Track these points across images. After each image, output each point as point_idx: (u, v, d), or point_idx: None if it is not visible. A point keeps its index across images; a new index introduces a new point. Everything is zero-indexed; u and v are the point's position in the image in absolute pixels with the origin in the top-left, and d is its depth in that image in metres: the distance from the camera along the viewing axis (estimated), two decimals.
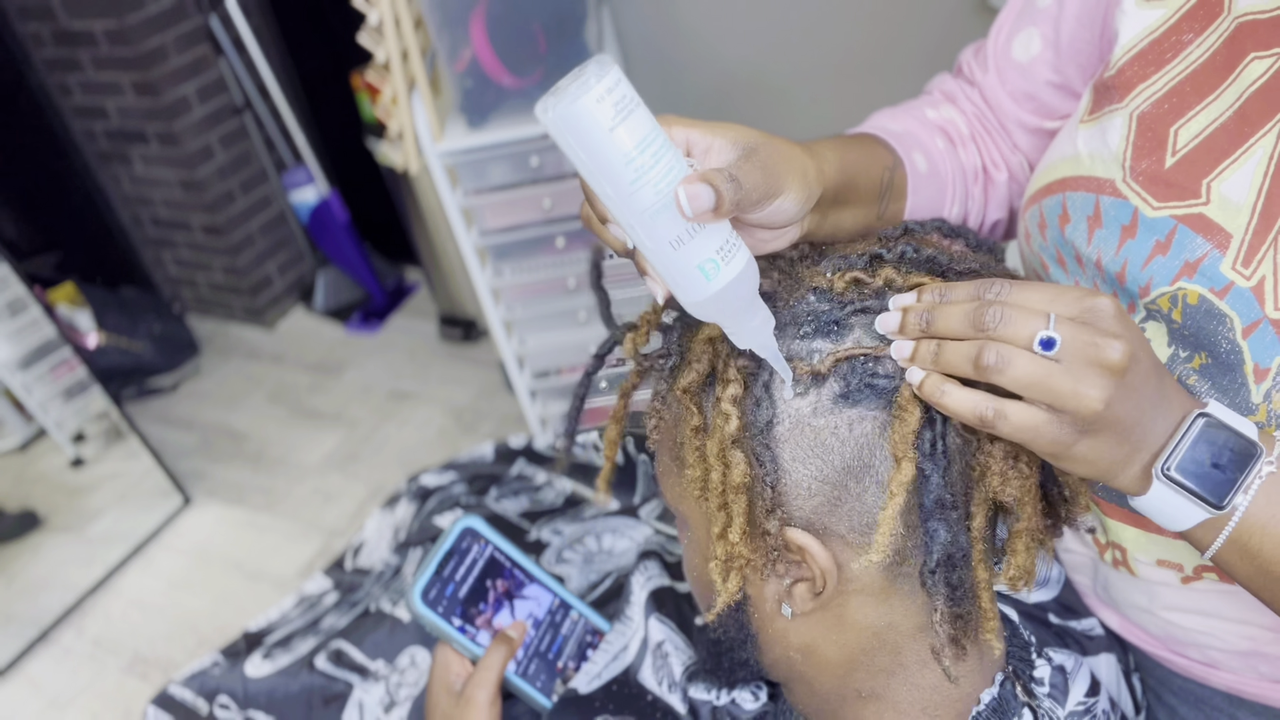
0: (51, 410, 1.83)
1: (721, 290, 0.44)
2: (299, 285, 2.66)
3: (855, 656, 0.51)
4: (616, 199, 0.42)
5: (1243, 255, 0.47)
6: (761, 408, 0.47)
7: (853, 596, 0.49)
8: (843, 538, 0.47)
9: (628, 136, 0.41)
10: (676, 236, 0.43)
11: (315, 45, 2.34)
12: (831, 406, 0.46)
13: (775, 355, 0.47)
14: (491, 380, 2.19)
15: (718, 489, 0.48)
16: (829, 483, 0.46)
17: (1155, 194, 0.51)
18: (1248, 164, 0.48)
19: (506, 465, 1.06)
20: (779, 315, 0.48)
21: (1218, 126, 0.50)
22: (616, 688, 0.65)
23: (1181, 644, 0.65)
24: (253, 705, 0.85)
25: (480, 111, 1.48)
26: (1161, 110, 0.52)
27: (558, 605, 0.73)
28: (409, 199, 2.12)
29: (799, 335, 0.48)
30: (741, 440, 0.47)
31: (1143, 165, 0.52)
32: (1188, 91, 0.51)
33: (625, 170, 0.41)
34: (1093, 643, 0.66)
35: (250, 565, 1.86)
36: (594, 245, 0.57)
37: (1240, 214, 0.48)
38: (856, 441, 0.46)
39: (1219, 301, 0.48)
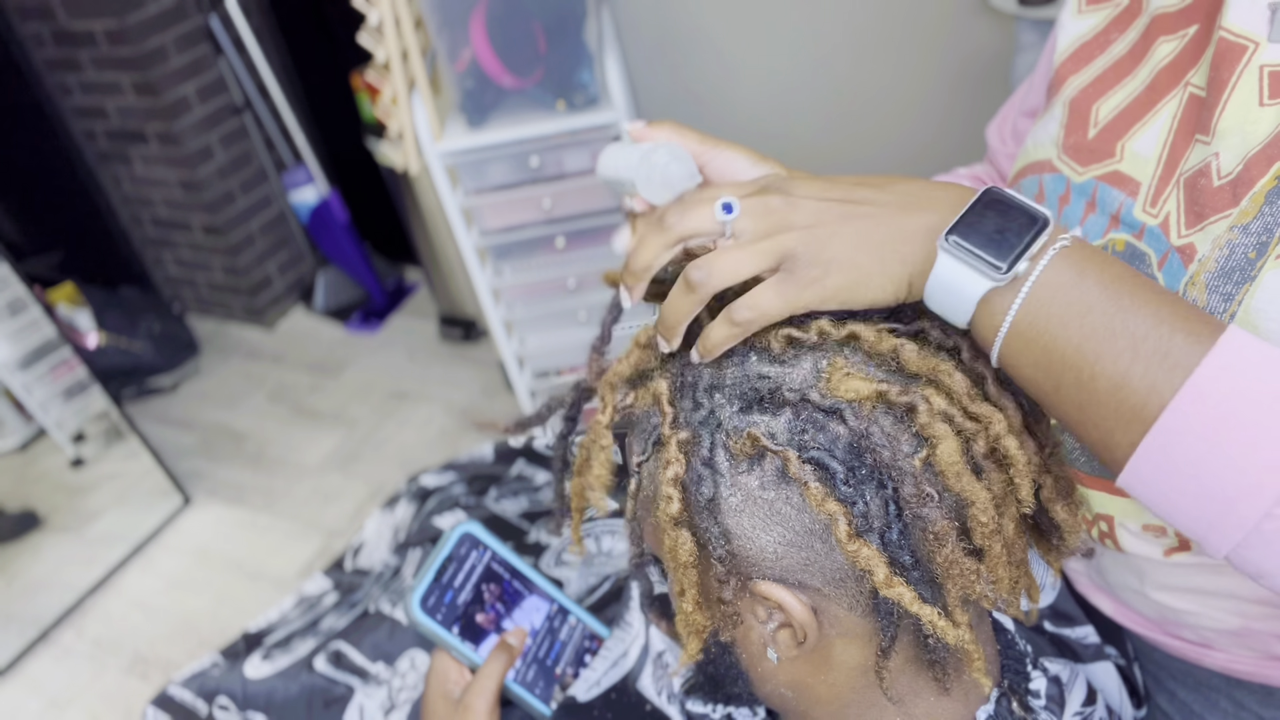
0: (51, 410, 1.83)
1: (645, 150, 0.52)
2: (299, 285, 2.67)
3: (845, 695, 0.51)
4: (617, 171, 0.54)
5: (1150, 197, 0.53)
6: (704, 485, 0.46)
7: (837, 640, 0.48)
8: (818, 590, 0.46)
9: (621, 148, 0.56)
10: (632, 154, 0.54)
11: (315, 45, 2.34)
12: (777, 480, 0.45)
13: (694, 175, 0.53)
14: (491, 380, 2.19)
15: (669, 558, 0.47)
16: (794, 545, 0.45)
17: (1080, 161, 0.58)
18: (1154, 123, 0.55)
19: (506, 465, 1.06)
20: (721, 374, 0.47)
21: (1132, 99, 0.57)
22: (615, 695, 0.65)
23: (1175, 625, 0.66)
24: (252, 706, 0.85)
25: (480, 111, 1.48)
26: (1087, 94, 0.59)
27: (556, 611, 0.73)
28: (409, 199, 2.12)
29: (737, 409, 0.46)
30: (683, 520, 0.46)
31: (1071, 140, 0.59)
32: (1109, 76, 0.59)
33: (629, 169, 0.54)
34: (1087, 650, 0.65)
35: (250, 565, 1.86)
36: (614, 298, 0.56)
37: (1148, 165, 0.54)
38: (811, 508, 0.45)
39: (1138, 243, 0.53)
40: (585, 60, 1.45)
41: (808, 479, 0.43)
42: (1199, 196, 0.51)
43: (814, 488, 0.43)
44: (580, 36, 1.43)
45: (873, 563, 0.43)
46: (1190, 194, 0.51)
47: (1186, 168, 0.52)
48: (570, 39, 1.43)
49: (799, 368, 0.45)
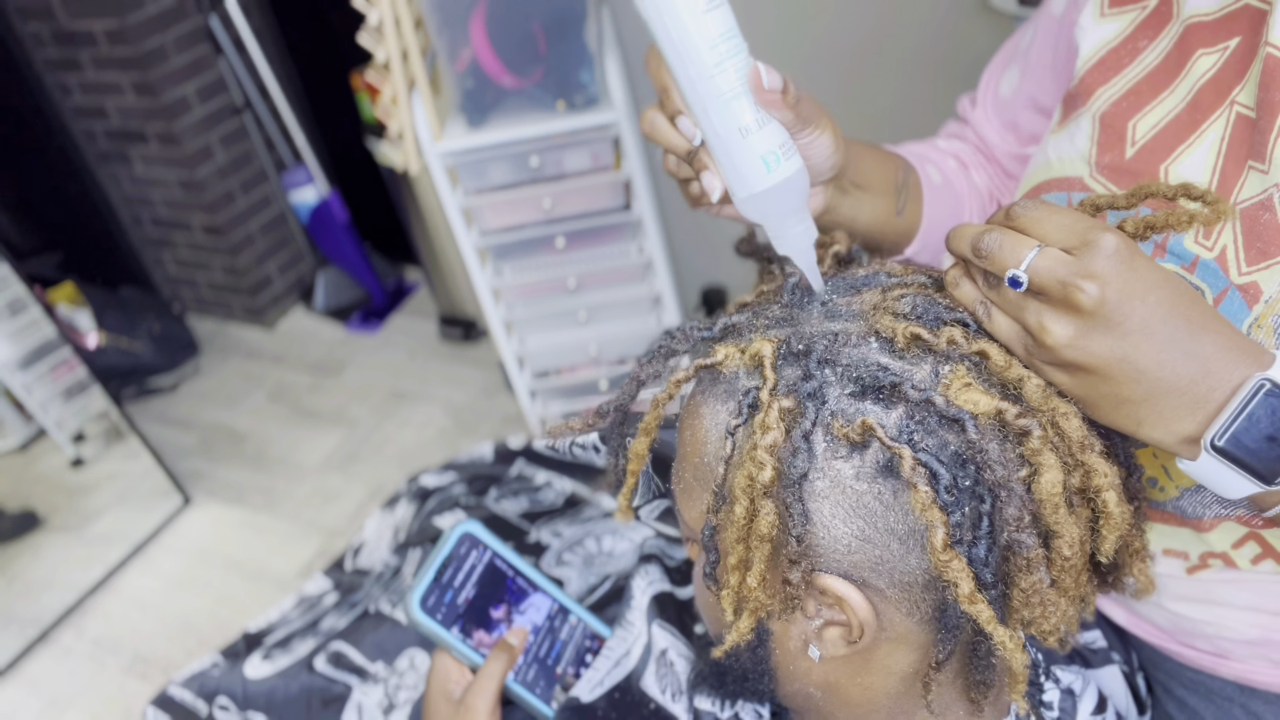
0: (51, 410, 1.83)
1: (779, 184, 0.49)
2: (299, 285, 2.67)
3: (878, 699, 0.50)
4: (698, 81, 0.47)
5: (1202, 229, 0.50)
6: (799, 459, 0.44)
7: (885, 643, 0.47)
8: (881, 591, 0.45)
9: (715, 24, 0.46)
10: (745, 125, 0.48)
11: (315, 45, 2.33)
12: (875, 474, 0.44)
13: (812, 268, 0.50)
14: (491, 380, 2.19)
15: (740, 525, 0.46)
16: (870, 542, 0.44)
17: (1118, 183, 0.55)
18: (1201, 147, 0.51)
19: (506, 466, 1.06)
20: (836, 350, 0.46)
21: (1173, 117, 0.53)
22: (619, 695, 0.65)
23: (1190, 635, 0.65)
24: (252, 706, 0.85)
25: (480, 111, 1.48)
26: (1120, 108, 0.56)
27: (557, 611, 0.73)
28: (409, 199, 2.12)
29: (846, 391, 0.45)
30: (773, 491, 0.44)
31: (1106, 159, 0.56)
32: (1144, 90, 0.55)
33: (710, 54, 0.46)
34: (1096, 655, 0.65)
35: (250, 565, 1.86)
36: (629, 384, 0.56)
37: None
38: (902, 508, 0.44)
39: (1190, 276, 0.50)
40: (585, 60, 1.45)
41: (918, 480, 0.42)
42: (1262, 232, 0.48)
43: (923, 491, 0.42)
44: (580, 36, 1.43)
45: (961, 576, 0.42)
46: (1250, 227, 0.49)
47: (1243, 198, 0.50)
48: (570, 39, 1.43)
49: (920, 368, 0.45)
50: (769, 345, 0.47)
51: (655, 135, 0.55)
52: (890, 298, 0.49)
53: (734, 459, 0.47)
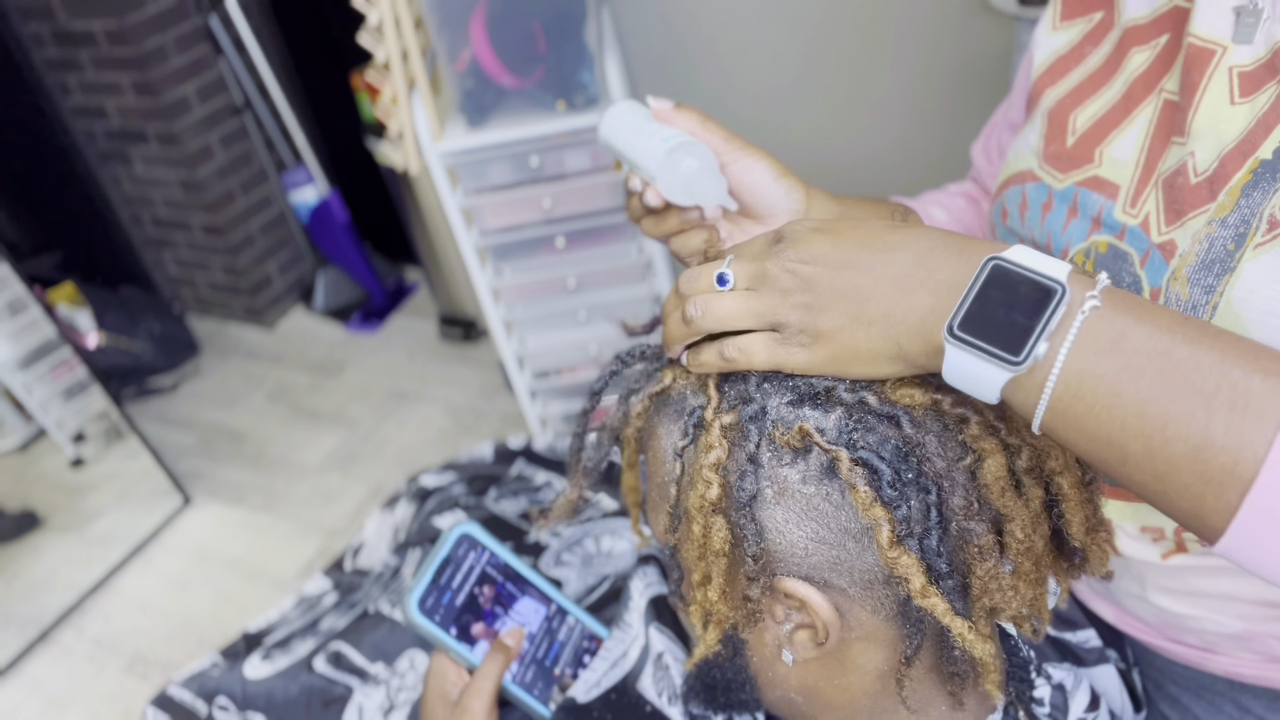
0: (51, 410, 1.83)
1: (668, 150, 0.55)
2: (299, 285, 2.66)
3: (858, 700, 0.50)
4: (630, 152, 0.59)
5: (1129, 199, 0.55)
6: (746, 480, 0.45)
7: (855, 643, 0.48)
8: (844, 590, 0.46)
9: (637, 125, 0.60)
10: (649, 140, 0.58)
11: (315, 45, 2.33)
12: (820, 476, 0.45)
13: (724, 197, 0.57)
14: (491, 380, 2.19)
15: (697, 543, 0.46)
16: (826, 543, 0.45)
17: (1060, 168, 0.59)
18: (1131, 129, 0.56)
19: (506, 466, 1.06)
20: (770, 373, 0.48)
21: (1109, 108, 0.58)
22: (615, 697, 0.65)
23: (1178, 630, 0.65)
24: (251, 707, 0.85)
25: (480, 111, 1.48)
26: (1065, 104, 0.61)
27: (555, 611, 0.73)
28: (409, 199, 2.12)
29: (785, 401, 0.46)
30: (722, 507, 0.45)
31: (1051, 149, 0.60)
32: (1085, 87, 0.61)
33: (632, 126, 0.60)
34: (1090, 654, 0.65)
35: (250, 565, 1.86)
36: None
37: (1126, 168, 0.55)
38: (852, 507, 0.44)
39: (1120, 243, 0.55)
40: (585, 60, 1.45)
41: (856, 481, 0.43)
42: (1177, 195, 0.51)
43: (862, 491, 0.42)
44: (580, 36, 1.43)
45: (911, 571, 0.42)
46: (1169, 193, 0.52)
47: (1164, 168, 0.53)
48: (570, 39, 1.43)
49: None
50: None
51: (629, 209, 0.62)
52: None
53: (683, 479, 0.48)
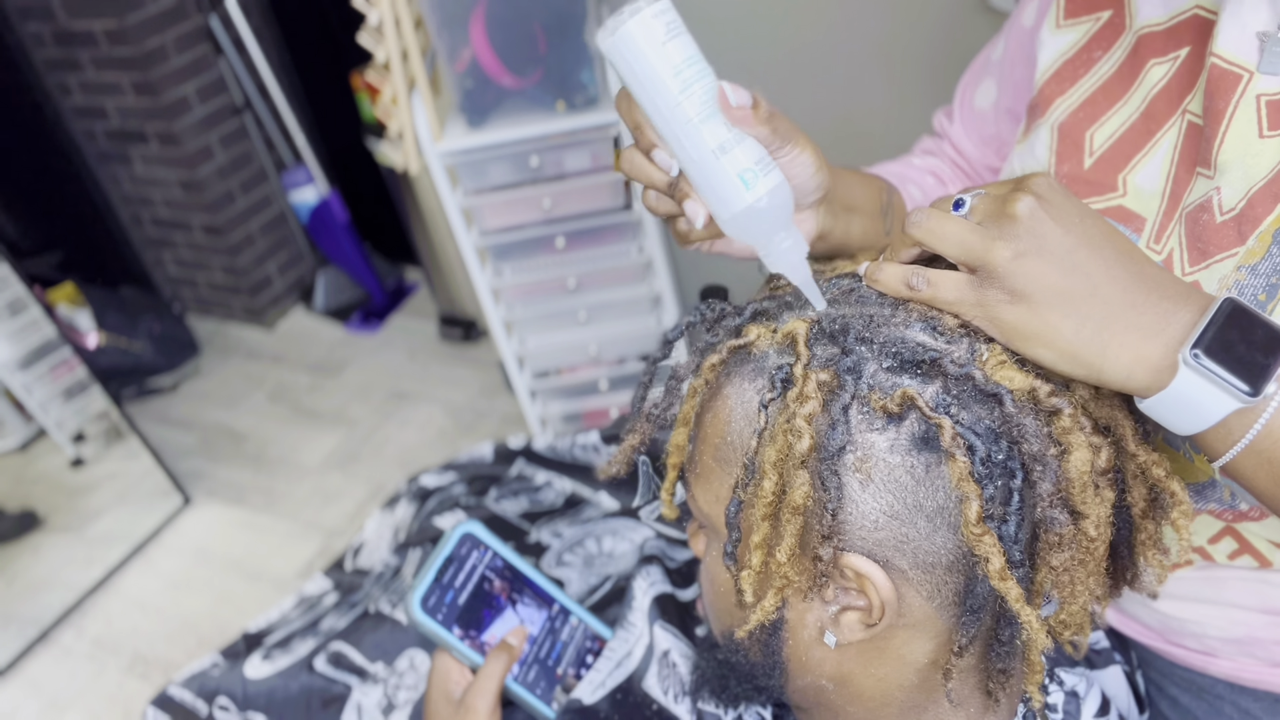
0: (51, 410, 1.83)
1: (758, 200, 0.48)
2: (299, 285, 2.66)
3: (891, 692, 0.50)
4: (666, 111, 0.48)
5: (1154, 233, 0.52)
6: (837, 431, 0.44)
7: (902, 630, 0.47)
8: (903, 572, 0.45)
9: (677, 52, 0.48)
10: (720, 144, 0.48)
11: (315, 45, 2.33)
12: (909, 446, 0.44)
13: (807, 281, 0.49)
14: (491, 380, 2.19)
15: (768, 501, 0.45)
16: (898, 519, 0.44)
17: (1078, 193, 0.55)
18: (1156, 156, 0.53)
19: (506, 466, 1.06)
20: (873, 330, 0.46)
21: (1128, 127, 0.54)
22: (621, 696, 0.65)
23: (1178, 634, 0.65)
24: (252, 707, 0.85)
25: (480, 111, 1.48)
26: (1077, 119, 0.57)
27: (558, 611, 0.73)
28: (409, 199, 2.12)
29: (884, 366, 0.45)
30: (809, 461, 0.44)
31: (1065, 169, 0.56)
32: (1100, 100, 0.56)
33: (674, 81, 0.48)
34: (1099, 656, 0.66)
35: (250, 565, 1.86)
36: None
37: (1152, 200, 0.52)
38: (934, 483, 0.44)
39: None
40: (585, 60, 1.45)
41: (957, 451, 0.42)
42: (1201, 232, 0.49)
43: (960, 461, 0.42)
44: (580, 36, 1.43)
45: (993, 551, 0.42)
46: (1192, 229, 0.50)
47: (1189, 201, 0.50)
48: (570, 39, 1.43)
49: (958, 346, 0.45)
50: (803, 325, 0.47)
51: (634, 172, 0.55)
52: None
53: (766, 432, 0.46)
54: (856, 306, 0.48)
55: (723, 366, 0.49)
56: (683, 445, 0.53)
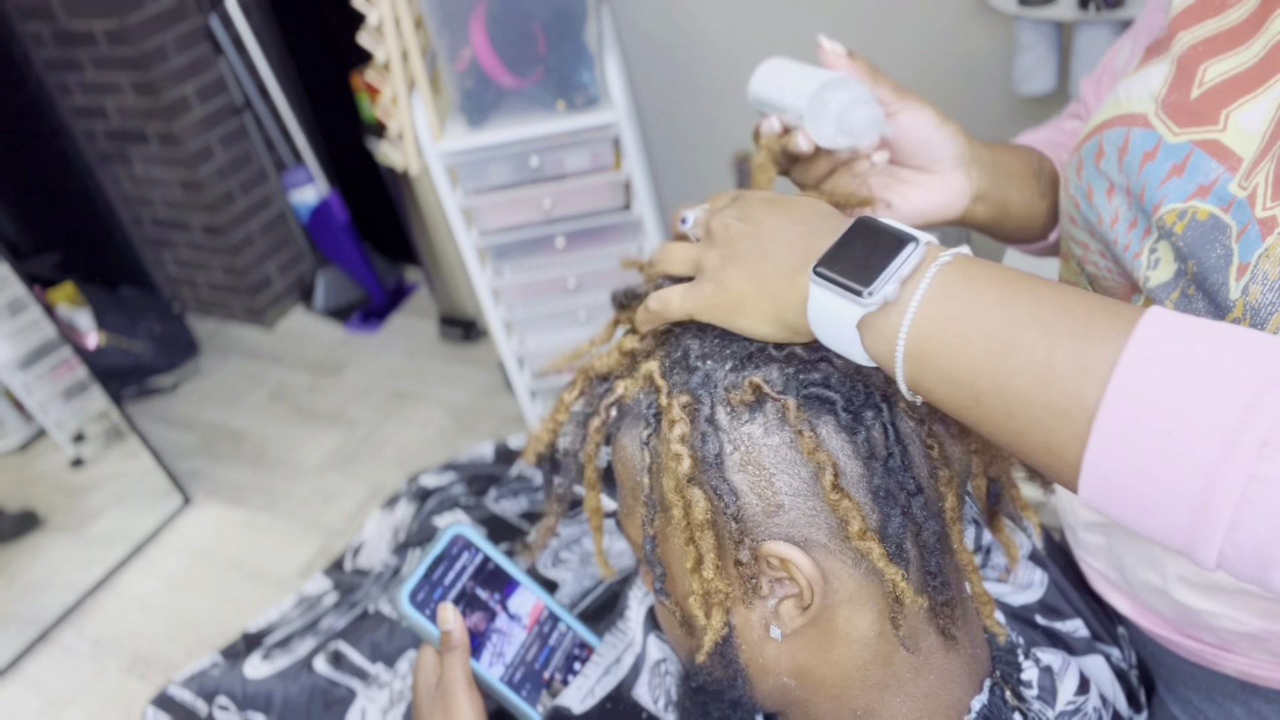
0: (51, 410, 1.83)
1: (820, 88, 0.56)
2: (299, 285, 2.67)
3: (849, 673, 0.50)
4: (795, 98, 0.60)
5: (1245, 172, 0.51)
6: (708, 442, 0.47)
7: (840, 607, 0.48)
8: (824, 545, 0.47)
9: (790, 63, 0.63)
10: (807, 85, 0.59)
11: (315, 45, 2.34)
12: (780, 424, 0.46)
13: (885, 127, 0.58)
14: (491, 380, 2.20)
15: (682, 526, 0.47)
16: (800, 495, 0.46)
17: (1177, 121, 0.55)
18: (1264, 99, 0.52)
19: (506, 466, 1.06)
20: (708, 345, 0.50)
21: (1243, 69, 0.54)
22: (611, 705, 0.65)
23: (1194, 627, 0.65)
24: (252, 706, 0.85)
25: (480, 111, 1.48)
26: (1196, 52, 0.56)
27: (546, 616, 0.73)
28: (409, 199, 2.12)
29: (728, 368, 0.48)
30: (695, 477, 0.47)
31: (1172, 98, 0.56)
32: (1221, 41, 0.56)
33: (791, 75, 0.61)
34: (1080, 644, 0.66)
35: (250, 565, 1.87)
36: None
37: (1252, 140, 0.51)
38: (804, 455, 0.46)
39: (1224, 215, 0.51)
40: (585, 60, 1.45)
41: (803, 427, 0.45)
42: None
43: (807, 436, 0.45)
44: (580, 36, 1.43)
45: (851, 514, 0.44)
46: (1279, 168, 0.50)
47: None
48: (570, 39, 1.43)
49: None
50: (654, 364, 0.51)
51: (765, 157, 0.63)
52: None
53: (654, 465, 0.49)
54: (685, 335, 0.52)
55: (607, 426, 0.54)
56: (598, 509, 0.58)
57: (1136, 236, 0.56)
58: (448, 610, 0.66)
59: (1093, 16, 1.28)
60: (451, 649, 0.65)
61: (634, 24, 1.75)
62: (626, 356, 0.54)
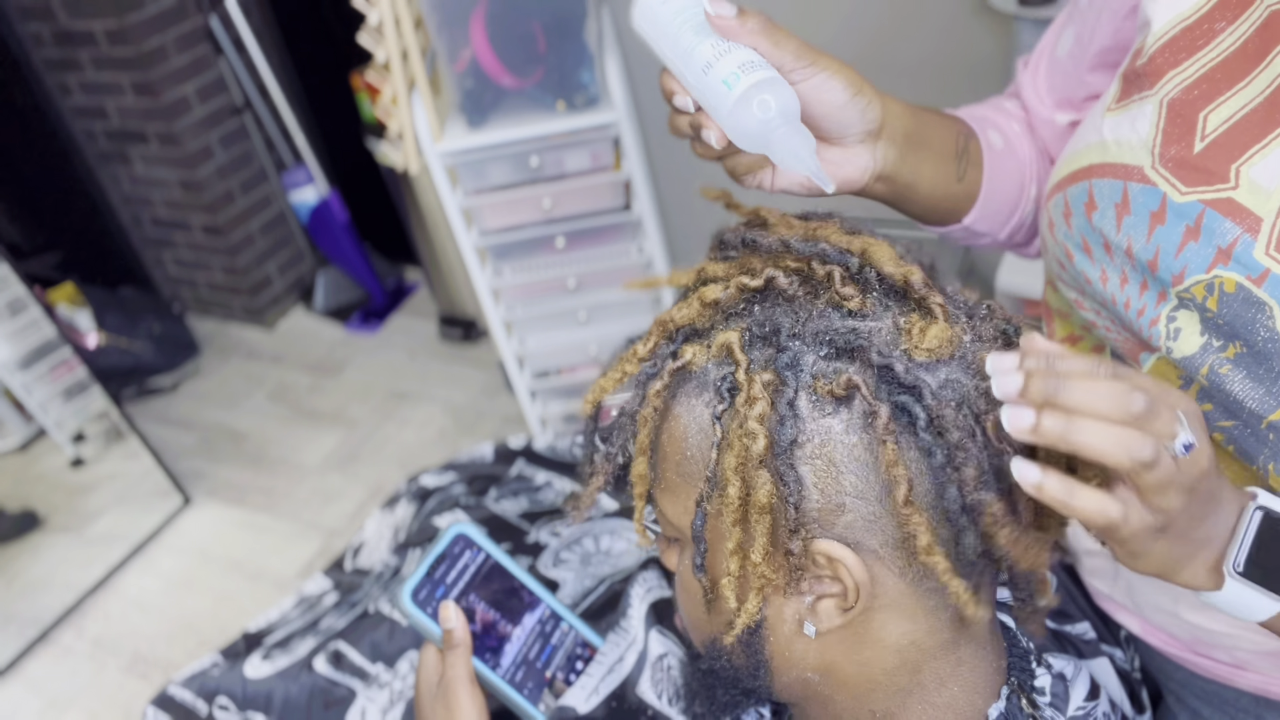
0: (51, 410, 1.83)
1: (741, 95, 0.50)
2: (299, 285, 2.67)
3: (875, 676, 0.50)
4: (672, 52, 0.54)
5: (1275, 240, 0.47)
6: (787, 426, 0.45)
7: (879, 612, 0.48)
8: (875, 552, 0.46)
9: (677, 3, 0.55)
10: (706, 63, 0.51)
11: (315, 45, 2.33)
12: (864, 425, 0.45)
13: (817, 171, 0.51)
14: (491, 380, 2.20)
15: (735, 506, 0.46)
16: (863, 498, 0.45)
17: (1183, 179, 0.50)
18: (1278, 149, 0.47)
19: (506, 466, 1.06)
20: (801, 325, 0.47)
21: (1248, 112, 0.49)
22: (616, 704, 0.65)
23: (1208, 646, 0.64)
24: (252, 706, 0.85)
25: (480, 111, 1.48)
26: (1191, 96, 0.51)
27: (549, 616, 0.73)
28: (409, 199, 2.12)
29: (821, 355, 0.46)
30: (767, 460, 0.45)
31: (1171, 151, 0.51)
32: (1219, 78, 0.51)
33: (673, 22, 0.53)
34: (1088, 646, 0.65)
35: (250, 565, 1.87)
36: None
37: (1271, 199, 0.47)
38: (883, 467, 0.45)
39: (1256, 289, 0.47)
40: (585, 60, 1.45)
41: (888, 439, 0.43)
42: None
43: (890, 448, 0.43)
44: (580, 36, 1.43)
45: (920, 529, 0.44)
46: None
47: None
48: (570, 39, 1.43)
49: (883, 322, 0.46)
50: (734, 334, 0.48)
51: (672, 127, 0.57)
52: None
53: (724, 442, 0.47)
54: (776, 306, 0.49)
55: (666, 391, 0.50)
56: (645, 475, 0.54)
57: (1151, 301, 0.53)
58: (450, 609, 0.66)
59: None
60: (453, 647, 0.65)
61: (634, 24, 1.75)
62: (709, 308, 0.50)
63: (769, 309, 0.48)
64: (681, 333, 0.51)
